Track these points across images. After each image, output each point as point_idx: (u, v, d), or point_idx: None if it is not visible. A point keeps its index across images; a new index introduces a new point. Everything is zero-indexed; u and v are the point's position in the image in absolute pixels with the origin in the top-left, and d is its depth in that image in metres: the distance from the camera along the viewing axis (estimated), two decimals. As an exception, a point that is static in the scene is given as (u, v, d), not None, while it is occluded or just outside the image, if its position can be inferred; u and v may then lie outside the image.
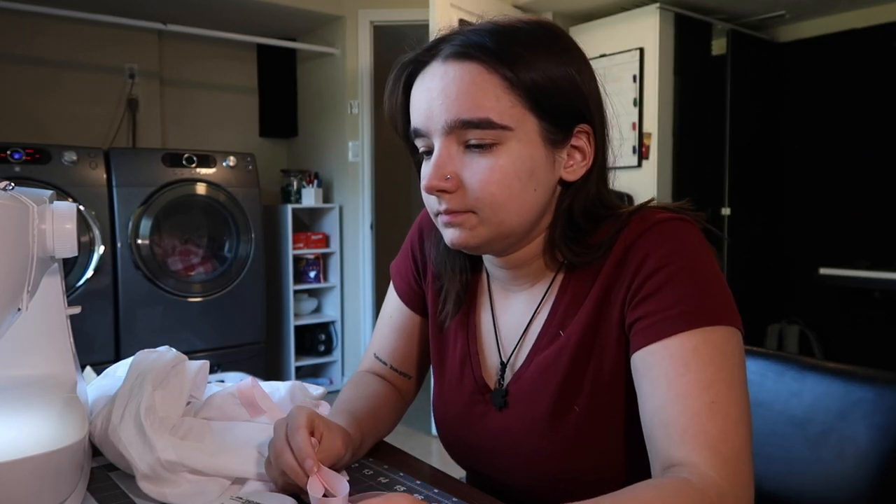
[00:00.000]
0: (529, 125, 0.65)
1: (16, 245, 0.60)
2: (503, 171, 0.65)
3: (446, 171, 0.66)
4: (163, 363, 0.76)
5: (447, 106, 0.64)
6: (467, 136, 0.65)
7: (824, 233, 3.63)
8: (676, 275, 0.62)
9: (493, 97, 0.63)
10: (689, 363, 0.59)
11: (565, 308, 0.71)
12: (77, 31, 3.44)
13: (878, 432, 0.78)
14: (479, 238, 0.68)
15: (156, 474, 0.64)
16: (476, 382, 0.77)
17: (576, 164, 0.69)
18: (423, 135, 0.68)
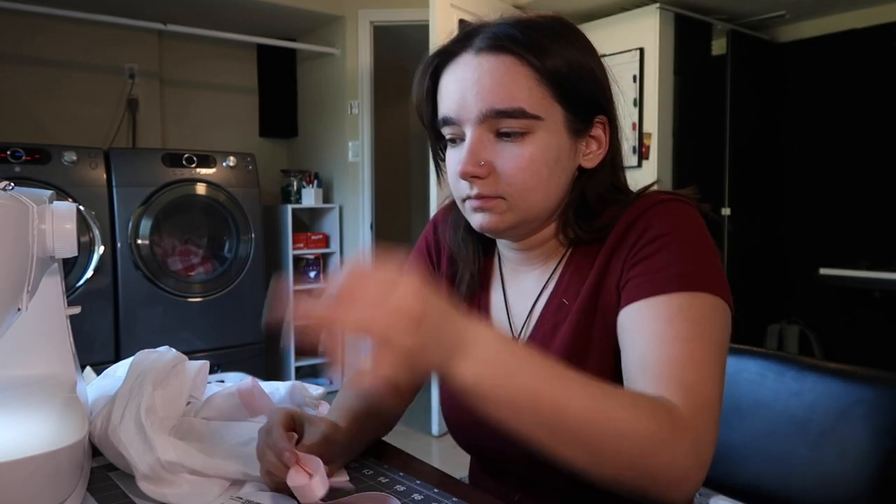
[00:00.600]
0: (557, 115, 0.69)
1: (16, 245, 0.60)
2: (533, 159, 0.68)
3: (480, 158, 0.68)
4: (163, 363, 0.76)
5: (482, 96, 0.67)
6: (500, 125, 0.68)
7: (824, 233, 3.63)
8: (671, 243, 0.65)
9: (525, 88, 0.66)
10: (673, 319, 0.62)
11: (569, 279, 0.74)
12: (77, 31, 3.44)
13: (878, 432, 0.78)
14: (507, 223, 0.71)
15: (155, 474, 0.64)
16: None
17: (592, 153, 0.73)
18: (454, 123, 0.70)
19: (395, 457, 0.78)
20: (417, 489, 0.68)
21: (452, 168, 0.72)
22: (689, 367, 0.59)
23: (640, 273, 0.65)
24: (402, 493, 0.67)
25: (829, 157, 3.61)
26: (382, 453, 0.79)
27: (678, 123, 3.36)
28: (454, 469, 0.81)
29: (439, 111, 0.72)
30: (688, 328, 0.61)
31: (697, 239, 0.67)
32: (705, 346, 0.61)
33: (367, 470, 0.73)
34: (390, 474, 0.72)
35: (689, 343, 0.60)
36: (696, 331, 0.61)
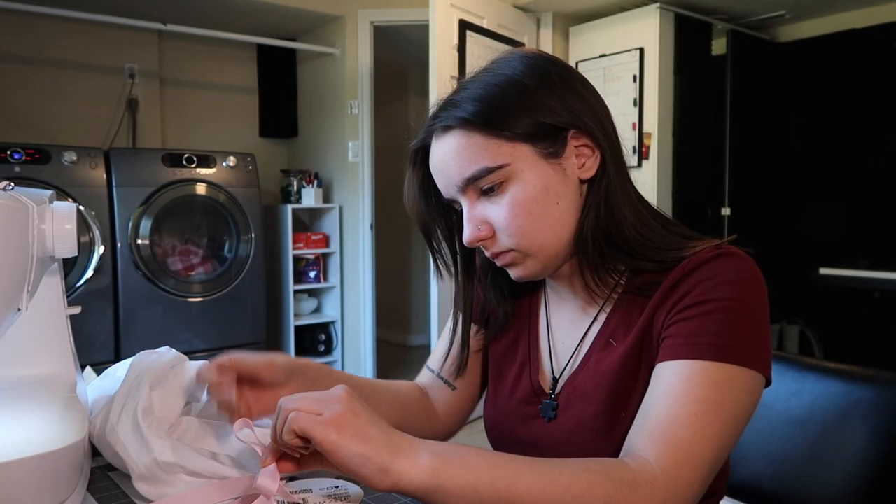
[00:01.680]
0: (523, 153, 0.70)
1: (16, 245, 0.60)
2: (519, 203, 0.70)
3: (476, 223, 0.72)
4: (162, 364, 0.76)
5: (450, 172, 0.72)
6: (478, 186, 0.71)
7: (824, 233, 3.63)
8: (721, 308, 0.64)
9: (480, 148, 0.69)
10: (692, 379, 0.61)
11: (618, 320, 0.73)
12: (77, 31, 3.44)
13: (878, 432, 0.78)
14: (532, 268, 0.73)
15: (152, 475, 0.64)
16: (532, 386, 0.80)
17: (588, 161, 0.72)
18: (452, 199, 0.75)
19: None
20: (417, 489, 0.67)
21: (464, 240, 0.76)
22: (686, 426, 0.59)
23: (678, 333, 0.65)
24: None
25: (830, 157, 3.61)
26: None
27: (678, 123, 3.36)
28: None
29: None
30: (705, 392, 0.60)
31: (750, 307, 0.64)
32: (715, 411, 0.60)
33: (367, 470, 0.73)
34: (390, 474, 0.72)
35: (699, 405, 0.60)
36: (713, 396, 0.60)
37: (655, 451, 0.58)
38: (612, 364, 0.71)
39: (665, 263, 0.70)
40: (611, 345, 0.73)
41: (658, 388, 0.63)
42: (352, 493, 0.66)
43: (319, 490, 0.66)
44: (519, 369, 0.82)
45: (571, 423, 0.74)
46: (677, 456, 0.58)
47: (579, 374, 0.75)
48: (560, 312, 0.81)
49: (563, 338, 0.80)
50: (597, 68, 3.46)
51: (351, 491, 0.66)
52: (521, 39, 3.43)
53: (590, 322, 0.77)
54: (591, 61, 3.49)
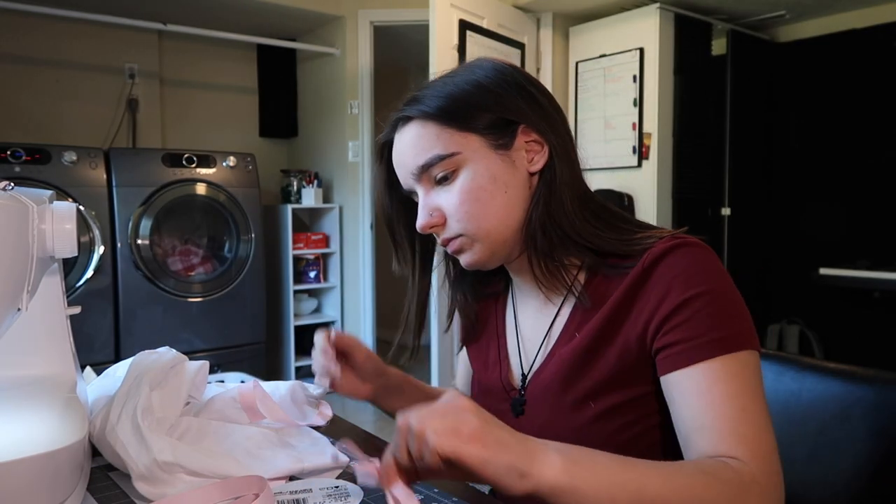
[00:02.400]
0: (474, 143, 0.74)
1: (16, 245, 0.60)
2: (467, 189, 0.74)
3: (429, 209, 0.76)
4: (161, 364, 0.76)
5: (407, 162, 0.76)
6: (432, 175, 0.75)
7: (824, 233, 3.62)
8: (705, 304, 0.66)
9: (433, 137, 0.74)
10: (718, 379, 0.64)
11: (583, 314, 0.75)
12: (77, 31, 3.44)
13: (878, 432, 0.78)
14: (480, 254, 0.76)
15: (152, 475, 0.64)
16: (502, 384, 0.82)
17: (536, 156, 0.76)
18: (411, 191, 0.79)
19: (394, 457, 0.78)
20: (417, 489, 0.68)
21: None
22: (742, 422, 0.62)
23: (678, 340, 0.66)
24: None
25: (829, 157, 3.61)
26: (382, 453, 0.79)
27: (678, 123, 3.36)
28: (454, 469, 0.81)
29: None
30: (734, 385, 0.63)
31: (727, 291, 0.68)
32: (752, 399, 0.63)
33: (367, 470, 0.73)
34: (390, 474, 0.72)
35: (738, 399, 0.63)
36: (742, 386, 0.63)
37: (738, 451, 0.60)
38: (569, 354, 0.74)
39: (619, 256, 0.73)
40: (575, 337, 0.75)
41: (691, 397, 0.64)
42: (352, 493, 0.66)
43: (319, 490, 0.66)
44: (491, 369, 0.85)
45: (540, 418, 0.76)
46: (754, 452, 0.60)
47: (545, 368, 0.77)
48: (525, 310, 0.84)
49: (529, 334, 0.82)
50: (597, 68, 3.46)
51: (351, 491, 0.66)
52: (521, 39, 3.43)
53: (553, 316, 0.79)
54: (591, 61, 3.49)
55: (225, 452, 0.70)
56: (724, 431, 0.61)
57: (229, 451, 0.71)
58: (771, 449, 0.62)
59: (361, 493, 0.66)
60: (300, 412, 0.84)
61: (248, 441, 0.73)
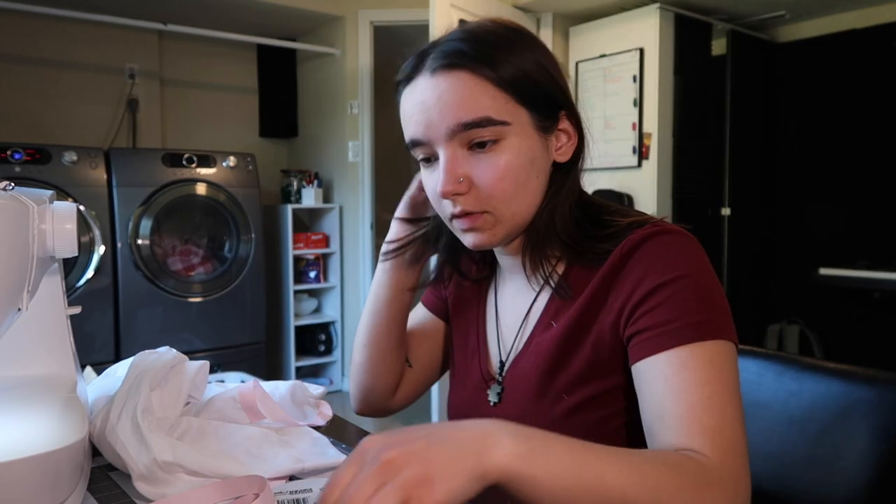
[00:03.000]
0: (523, 117, 0.69)
1: (16, 245, 0.60)
2: (509, 166, 0.68)
3: (457, 174, 0.69)
4: (161, 364, 0.76)
5: (446, 113, 0.68)
6: (471, 137, 0.68)
7: (824, 233, 3.62)
8: (678, 290, 0.63)
9: (488, 97, 0.67)
10: (686, 365, 0.61)
11: (560, 302, 0.74)
12: (77, 31, 3.44)
13: (878, 432, 0.78)
14: (498, 236, 0.72)
15: (152, 475, 0.64)
16: (481, 372, 0.81)
17: (564, 146, 0.73)
18: (424, 143, 0.71)
19: (394, 457, 0.78)
20: (417, 489, 0.67)
21: (431, 188, 0.73)
22: (707, 412, 0.58)
23: (650, 326, 0.64)
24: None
25: (829, 157, 3.61)
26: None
27: (678, 123, 3.36)
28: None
29: (407, 135, 0.73)
30: (702, 373, 0.60)
31: (703, 280, 0.65)
32: (720, 389, 0.60)
33: (367, 470, 0.73)
34: (390, 474, 0.72)
35: (705, 387, 0.59)
36: (712, 374, 0.60)
37: (698, 444, 0.57)
38: (552, 344, 0.72)
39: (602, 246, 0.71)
40: (551, 326, 0.73)
41: (657, 384, 0.61)
42: (352, 493, 0.66)
43: (319, 490, 0.66)
44: (470, 356, 0.84)
45: (516, 408, 0.75)
46: (717, 444, 0.57)
47: (522, 356, 0.76)
48: (505, 297, 0.82)
49: (508, 321, 0.81)
50: (597, 68, 3.46)
51: (351, 491, 0.66)
52: (521, 39, 3.43)
53: (530, 304, 0.77)
54: (591, 61, 3.48)
55: (225, 452, 0.70)
56: (687, 421, 0.58)
57: (229, 451, 0.71)
58: (735, 442, 0.58)
59: (361, 493, 0.66)
60: (300, 412, 0.84)
61: (248, 441, 0.73)
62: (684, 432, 0.58)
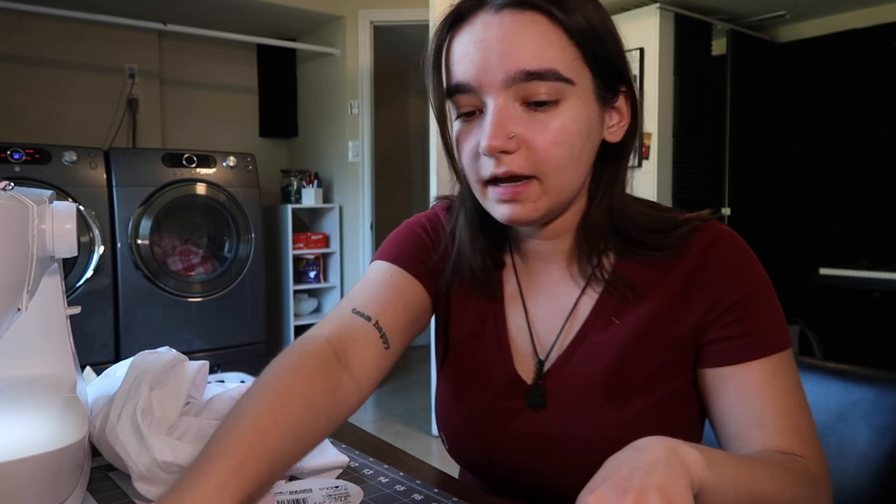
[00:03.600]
0: (586, 81, 0.62)
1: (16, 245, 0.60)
2: (567, 131, 0.61)
3: (509, 129, 0.60)
4: (162, 364, 0.76)
5: (508, 56, 0.59)
6: (529, 91, 0.60)
7: (824, 233, 3.63)
8: (766, 300, 0.65)
9: (558, 48, 0.59)
10: (778, 372, 0.63)
11: (619, 298, 0.67)
12: (77, 31, 3.44)
13: (878, 432, 0.78)
14: (541, 211, 0.63)
15: (152, 475, 0.64)
16: (508, 377, 0.71)
17: (616, 126, 0.67)
18: (472, 90, 0.62)
19: (395, 457, 0.78)
20: (417, 489, 0.68)
21: (470, 146, 0.63)
22: (802, 419, 0.62)
23: (741, 333, 0.64)
24: (401, 493, 0.67)
25: (829, 157, 3.61)
26: (382, 453, 0.79)
27: (678, 123, 3.36)
28: (454, 469, 0.81)
29: (451, 78, 0.63)
30: (790, 382, 0.63)
31: (772, 290, 0.66)
32: (802, 396, 0.64)
33: (368, 470, 0.73)
34: (390, 474, 0.72)
35: (794, 395, 0.63)
36: (796, 382, 0.64)
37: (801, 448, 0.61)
38: (622, 343, 0.66)
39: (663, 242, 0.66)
40: (613, 323, 0.67)
41: (752, 391, 0.63)
42: (352, 493, 0.66)
43: (319, 490, 0.66)
44: (489, 359, 0.72)
45: (571, 413, 0.67)
46: (813, 449, 0.61)
47: (572, 356, 0.68)
48: (537, 290, 0.73)
49: (542, 317, 0.71)
50: (597, 68, 3.45)
51: (351, 491, 0.66)
52: (521, 39, 3.43)
53: (575, 300, 0.70)
54: (591, 61, 3.48)
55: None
56: (787, 429, 0.61)
57: (229, 451, 0.71)
58: (820, 445, 0.63)
59: (361, 493, 0.66)
60: (300, 412, 0.84)
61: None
62: (787, 438, 0.61)
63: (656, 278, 0.67)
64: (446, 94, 0.64)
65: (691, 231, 0.67)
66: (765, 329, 0.64)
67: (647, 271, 0.67)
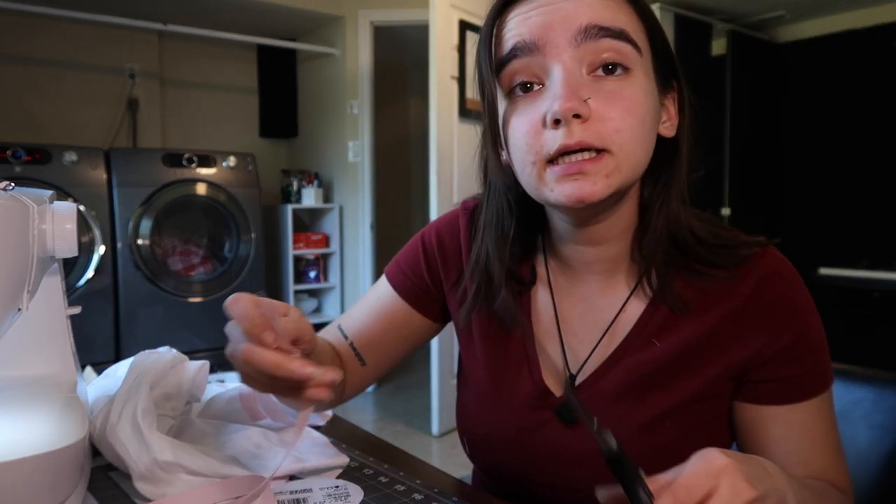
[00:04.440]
0: (649, 59, 0.60)
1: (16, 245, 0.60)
2: (639, 102, 0.56)
3: (581, 92, 0.54)
4: (162, 364, 0.76)
5: (578, 11, 0.55)
6: (600, 50, 0.55)
7: (824, 233, 3.63)
8: (817, 343, 0.65)
9: (626, 13, 0.58)
10: (821, 412, 0.64)
11: (662, 319, 0.64)
12: (77, 31, 3.44)
13: (878, 432, 0.78)
14: (612, 188, 0.56)
15: (153, 475, 0.64)
16: (536, 387, 0.68)
17: (667, 123, 0.64)
18: (533, 51, 0.56)
19: (395, 457, 0.78)
20: (417, 489, 0.68)
21: (527, 121, 0.57)
22: (840, 455, 0.65)
23: (792, 376, 0.63)
24: (402, 492, 0.67)
25: (829, 157, 3.61)
26: (382, 453, 0.79)
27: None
28: (454, 469, 0.80)
29: (503, 46, 0.58)
30: (831, 420, 0.65)
31: (821, 324, 0.66)
32: (837, 431, 0.66)
33: (368, 470, 0.73)
34: (390, 474, 0.72)
35: (833, 432, 0.65)
36: (834, 419, 0.66)
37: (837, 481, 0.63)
38: (656, 364, 0.63)
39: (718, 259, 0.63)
40: (653, 345, 0.63)
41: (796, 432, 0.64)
42: (352, 493, 0.66)
43: (319, 490, 0.66)
44: (515, 368, 0.70)
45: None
46: (848, 482, 0.65)
47: (608, 372, 0.65)
48: (572, 298, 0.69)
49: (577, 328, 0.68)
50: (597, 68, 3.46)
51: (351, 491, 0.66)
52: (521, 39, 3.43)
53: (615, 314, 0.66)
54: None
55: (225, 452, 0.70)
56: (830, 467, 0.64)
57: (229, 452, 0.71)
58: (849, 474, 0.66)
59: (361, 493, 0.66)
60: (300, 412, 0.84)
61: (248, 441, 0.73)
62: (830, 475, 0.63)
63: (708, 300, 0.63)
64: (496, 68, 0.58)
65: (749, 256, 0.64)
66: (812, 371, 0.64)
67: (699, 290, 0.63)
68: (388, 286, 0.80)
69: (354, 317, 0.79)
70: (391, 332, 0.79)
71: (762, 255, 0.64)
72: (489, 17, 0.61)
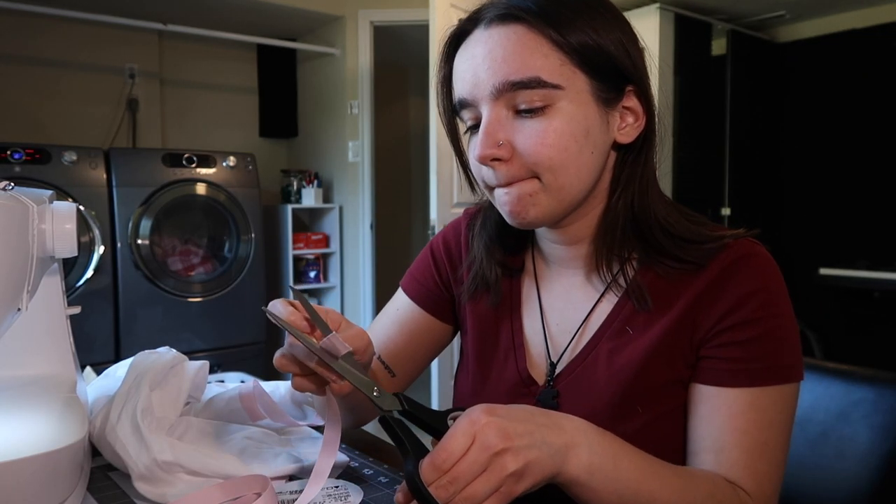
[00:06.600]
0: (580, 83, 0.63)
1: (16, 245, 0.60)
2: (557, 133, 0.62)
3: (498, 138, 0.63)
4: (162, 364, 0.76)
5: (493, 69, 0.62)
6: (517, 100, 0.62)
7: (824, 233, 3.63)
8: (768, 331, 0.62)
9: (540, 55, 0.61)
10: (754, 404, 0.62)
11: (637, 305, 0.67)
12: (77, 31, 3.44)
13: (878, 432, 0.78)
14: (543, 209, 0.64)
15: (152, 475, 0.64)
16: (520, 375, 0.73)
17: (629, 126, 0.67)
18: (470, 104, 0.65)
19: (395, 457, 0.78)
20: (417, 489, 0.67)
21: (473, 156, 0.66)
22: (762, 457, 0.61)
23: (731, 357, 0.62)
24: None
25: (829, 157, 3.61)
26: (383, 453, 0.79)
27: (678, 123, 3.36)
28: (454, 469, 0.80)
29: (455, 96, 0.67)
30: (766, 416, 0.61)
31: (790, 319, 0.64)
32: (778, 433, 0.62)
33: (368, 470, 0.73)
34: (390, 474, 0.72)
35: (766, 431, 0.61)
36: (774, 418, 0.62)
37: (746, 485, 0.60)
38: (634, 355, 0.66)
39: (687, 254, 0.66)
40: (627, 332, 0.67)
41: (719, 417, 0.62)
42: (352, 492, 0.66)
43: (320, 490, 0.66)
44: (503, 357, 0.75)
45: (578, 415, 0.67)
46: (762, 489, 0.60)
47: (584, 360, 0.69)
48: (554, 293, 0.74)
49: (557, 320, 0.73)
50: (597, 68, 3.46)
51: (351, 491, 0.66)
52: (521, 39, 3.43)
53: (591, 305, 0.70)
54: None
55: (225, 452, 0.70)
56: (740, 462, 0.60)
57: (229, 451, 0.71)
58: (776, 489, 0.62)
59: (361, 493, 0.66)
60: (300, 412, 0.84)
61: (248, 441, 0.73)
62: (737, 472, 0.60)
63: (674, 292, 0.66)
64: (454, 110, 0.68)
65: (719, 248, 0.65)
66: (761, 358, 0.62)
67: (666, 283, 0.66)
68: (406, 298, 0.85)
69: (376, 331, 0.83)
70: (414, 342, 0.83)
71: (735, 245, 0.66)
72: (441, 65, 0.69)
